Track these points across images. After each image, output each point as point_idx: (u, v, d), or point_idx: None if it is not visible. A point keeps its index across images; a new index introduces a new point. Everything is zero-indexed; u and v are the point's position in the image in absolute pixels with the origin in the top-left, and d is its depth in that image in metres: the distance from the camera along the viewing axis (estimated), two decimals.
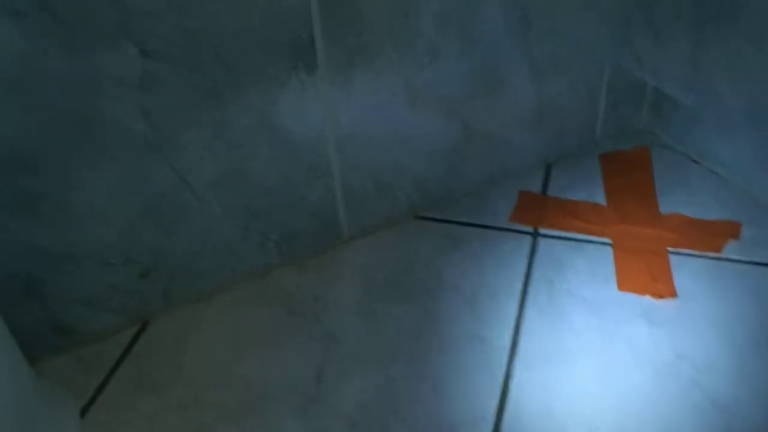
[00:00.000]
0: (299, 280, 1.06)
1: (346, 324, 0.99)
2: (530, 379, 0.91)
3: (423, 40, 1.00)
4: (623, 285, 1.02)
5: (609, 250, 1.08)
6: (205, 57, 0.86)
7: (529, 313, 0.99)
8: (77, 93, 0.82)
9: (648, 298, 1.00)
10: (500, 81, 1.10)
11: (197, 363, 0.96)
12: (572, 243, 1.10)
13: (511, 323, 0.98)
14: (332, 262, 1.09)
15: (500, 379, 0.91)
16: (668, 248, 1.07)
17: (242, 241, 1.02)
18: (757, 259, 1.04)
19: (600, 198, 1.18)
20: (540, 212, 1.16)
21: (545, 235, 1.11)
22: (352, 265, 1.09)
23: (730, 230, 1.09)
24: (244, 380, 0.93)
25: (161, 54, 0.84)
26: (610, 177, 1.22)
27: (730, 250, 1.06)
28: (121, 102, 0.84)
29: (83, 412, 0.90)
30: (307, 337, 0.98)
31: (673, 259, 1.05)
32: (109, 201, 0.90)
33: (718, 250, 1.06)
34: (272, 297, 1.04)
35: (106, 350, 0.98)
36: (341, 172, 1.04)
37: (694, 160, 1.23)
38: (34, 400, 0.85)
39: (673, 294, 0.99)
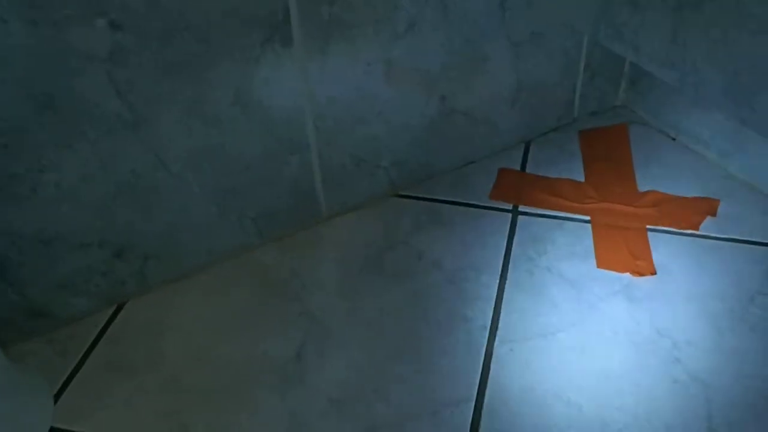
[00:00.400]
0: (278, 259, 1.05)
1: (326, 303, 0.98)
2: (511, 356, 0.90)
3: (400, 13, 0.98)
4: (602, 263, 1.02)
5: (588, 227, 1.08)
6: (176, 27, 0.84)
7: (510, 290, 0.99)
8: (46, 70, 0.79)
9: (627, 275, 1.00)
10: (478, 55, 1.09)
11: (174, 344, 0.94)
12: (552, 220, 1.09)
13: (492, 301, 0.97)
14: (311, 240, 1.08)
15: (481, 358, 0.90)
16: (647, 225, 1.07)
17: (219, 219, 1.01)
18: (733, 236, 1.04)
19: (579, 175, 1.17)
20: (519, 189, 1.15)
21: (525, 213, 1.11)
22: (332, 243, 1.07)
23: (708, 207, 1.09)
24: (223, 361, 0.92)
25: (130, 26, 0.81)
26: (588, 154, 1.22)
27: (708, 226, 1.06)
28: (91, 78, 0.82)
29: (57, 396, 0.89)
30: (286, 317, 0.97)
31: (651, 236, 1.05)
32: (82, 181, 0.88)
33: (695, 227, 1.06)
34: (251, 276, 1.03)
35: (80, 333, 0.96)
36: (318, 148, 1.03)
37: (672, 137, 1.23)
38: (6, 385, 0.83)
39: (652, 271, 0.99)
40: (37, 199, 0.86)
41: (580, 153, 1.22)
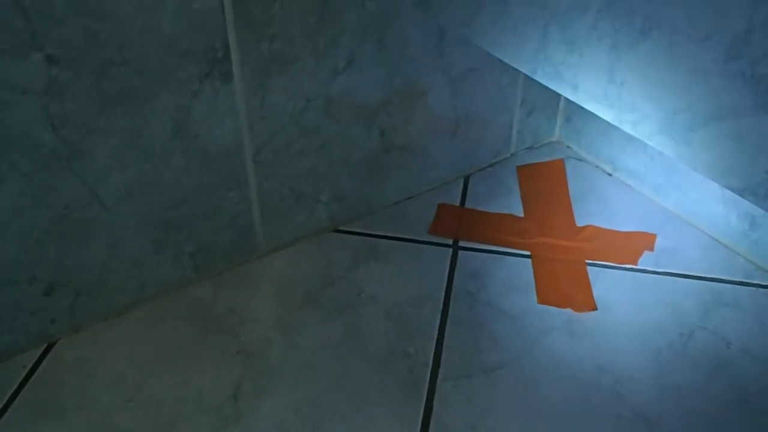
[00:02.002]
0: (215, 295, 1.02)
1: (264, 340, 0.96)
2: (454, 394, 0.89)
3: (340, 49, 0.98)
4: (543, 298, 1.02)
5: (528, 262, 1.08)
6: (112, 60, 0.82)
7: (451, 326, 0.98)
8: None
9: (568, 310, 1.00)
10: (416, 90, 1.09)
11: (106, 385, 0.91)
12: (492, 255, 1.09)
13: (433, 337, 0.96)
14: (249, 276, 1.06)
15: (424, 395, 0.89)
16: (586, 260, 1.08)
17: (154, 254, 0.98)
18: (671, 270, 1.06)
19: (518, 209, 1.18)
20: (459, 224, 1.15)
21: (465, 248, 1.10)
22: (270, 279, 1.05)
23: (645, 242, 1.11)
24: (157, 402, 0.89)
25: (67, 60, 0.79)
26: (526, 189, 1.23)
27: (646, 261, 1.08)
28: (25, 111, 0.80)
29: None
30: (223, 354, 0.94)
31: (591, 271, 1.06)
32: (11, 215, 0.85)
33: (634, 262, 1.07)
34: (186, 312, 1.00)
35: (5, 374, 0.92)
36: (257, 182, 1.01)
37: (608, 173, 1.25)
38: None
39: (593, 307, 1.00)
40: None
41: (519, 188, 1.23)
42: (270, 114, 0.97)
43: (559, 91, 0.74)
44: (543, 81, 0.75)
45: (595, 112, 0.74)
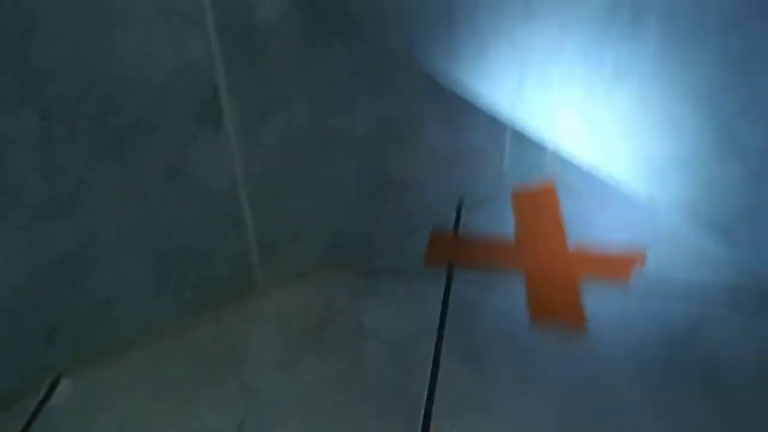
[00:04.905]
0: (215, 332, 1.03)
1: (265, 376, 0.97)
2: (450, 424, 0.90)
3: (335, 89, 1.00)
4: (537, 318, 1.03)
5: (522, 286, 1.09)
6: (105, 111, 0.84)
7: (447, 355, 0.99)
8: None
9: (562, 331, 1.01)
10: (410, 125, 1.12)
11: (109, 425, 0.91)
12: (486, 279, 1.10)
13: (429, 368, 0.97)
14: (249, 312, 1.07)
15: (419, 428, 0.90)
16: (578, 280, 1.09)
17: (155, 294, 0.99)
18: (663, 285, 1.07)
19: (510, 234, 1.19)
20: (453, 251, 1.16)
21: (459, 276, 1.11)
22: (269, 315, 1.07)
23: (635, 258, 1.12)
24: None
25: (60, 113, 0.81)
26: (519, 213, 1.24)
27: (637, 278, 1.09)
28: (17, 164, 0.81)
29: None
30: (225, 391, 0.95)
31: (583, 290, 1.07)
32: (6, 263, 0.86)
33: (626, 278, 1.09)
34: (188, 350, 1.01)
35: (9, 419, 0.92)
36: (254, 221, 1.02)
37: (599, 195, 1.25)
38: None
39: (584, 326, 1.01)
40: None
41: (512, 213, 1.24)
42: (264, 154, 0.98)
43: (536, 128, 0.76)
44: (521, 117, 0.76)
45: (572, 151, 0.75)
